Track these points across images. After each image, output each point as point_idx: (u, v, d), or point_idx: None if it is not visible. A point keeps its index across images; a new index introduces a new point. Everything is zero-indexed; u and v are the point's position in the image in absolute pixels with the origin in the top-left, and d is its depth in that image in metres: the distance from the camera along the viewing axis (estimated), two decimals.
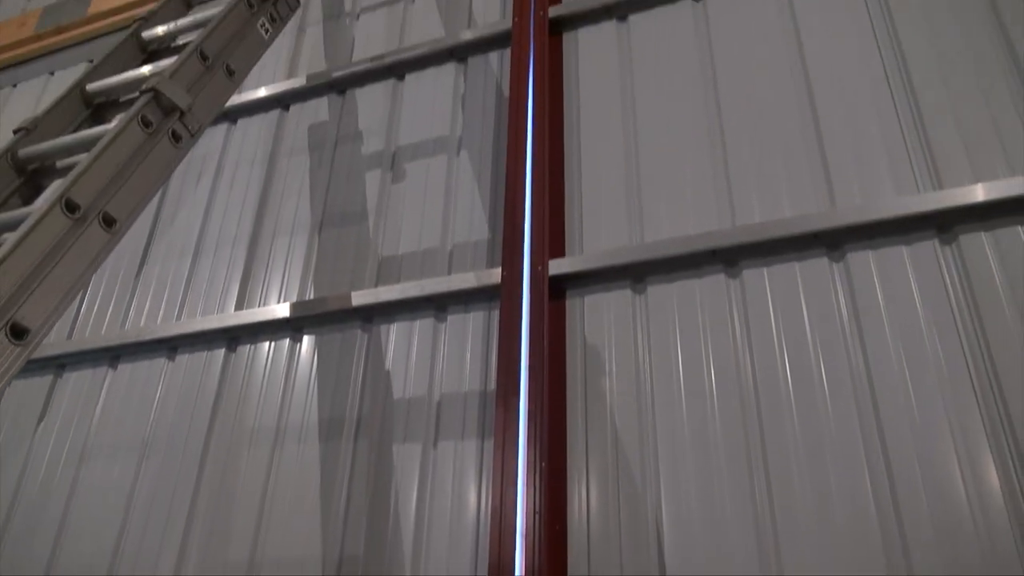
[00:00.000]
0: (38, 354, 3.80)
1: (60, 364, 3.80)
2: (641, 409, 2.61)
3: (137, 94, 2.53)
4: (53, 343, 3.85)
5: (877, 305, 2.48)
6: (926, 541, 2.11)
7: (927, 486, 2.17)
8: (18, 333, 1.92)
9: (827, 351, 2.48)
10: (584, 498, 2.53)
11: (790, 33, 3.11)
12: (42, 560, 3.23)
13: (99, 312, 3.91)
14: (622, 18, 3.52)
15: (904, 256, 2.53)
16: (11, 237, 1.98)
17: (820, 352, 2.48)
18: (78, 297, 3.92)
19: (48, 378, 3.79)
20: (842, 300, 2.54)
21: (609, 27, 3.53)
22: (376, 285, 3.27)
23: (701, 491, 2.40)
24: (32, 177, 2.67)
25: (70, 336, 3.88)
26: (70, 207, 2.11)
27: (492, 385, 2.83)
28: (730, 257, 2.74)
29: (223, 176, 4.09)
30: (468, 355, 2.96)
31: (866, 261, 2.56)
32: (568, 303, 2.91)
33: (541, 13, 3.59)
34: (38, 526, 3.36)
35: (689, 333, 2.69)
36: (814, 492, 2.27)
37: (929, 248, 2.51)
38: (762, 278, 2.68)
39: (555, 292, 2.89)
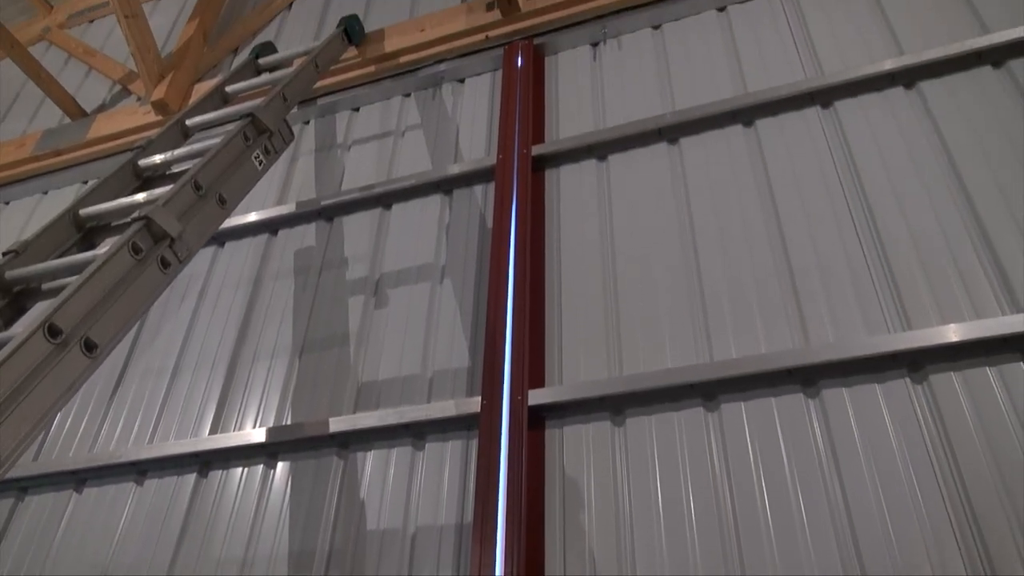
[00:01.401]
0: None
1: (22, 487, 3.68)
2: (620, 542, 2.56)
3: (129, 220, 2.59)
4: (17, 464, 3.72)
5: (852, 439, 2.51)
6: None
7: None
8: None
9: (805, 483, 2.48)
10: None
11: (760, 175, 3.28)
12: None
13: (68, 433, 3.82)
14: (602, 158, 3.70)
15: (877, 393, 2.57)
16: None
17: (798, 484, 2.48)
18: None
19: (8, 502, 3.66)
20: (818, 434, 2.57)
21: (589, 165, 3.70)
22: (355, 411, 3.25)
23: None
24: (16, 298, 2.69)
25: (36, 458, 3.78)
26: (53, 332, 2.11)
27: (469, 516, 2.77)
28: (708, 390, 2.77)
29: (207, 297, 4.12)
30: (445, 484, 2.91)
31: (840, 397, 2.60)
32: (547, 433, 2.90)
33: (524, 151, 3.77)
34: None
35: (668, 464, 2.68)
36: None
37: (901, 386, 2.56)
38: (740, 411, 2.71)
39: (534, 422, 2.88)
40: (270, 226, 4.31)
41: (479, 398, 2.98)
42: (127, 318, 2.40)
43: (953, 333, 2.52)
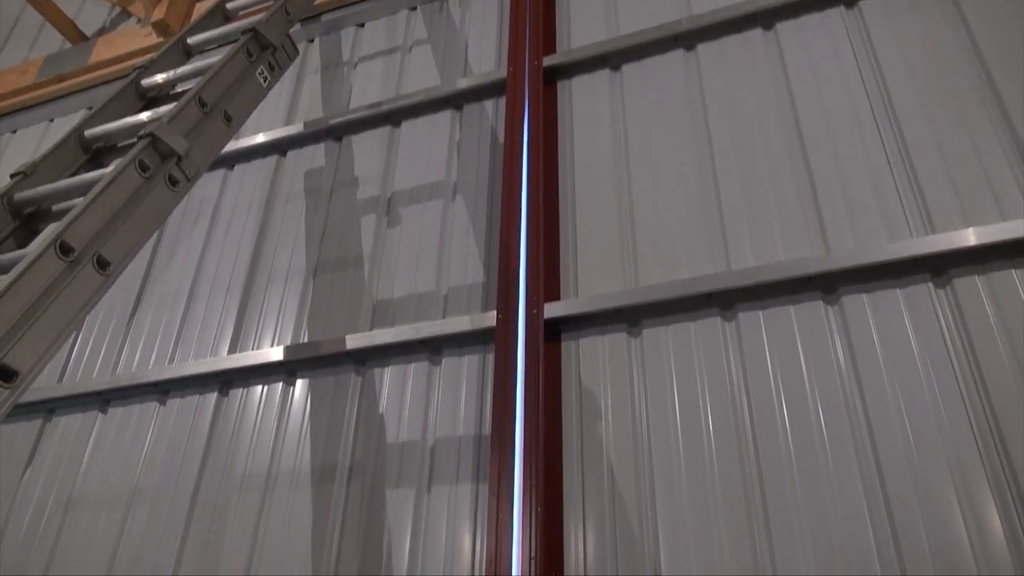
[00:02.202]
0: (27, 398, 3.75)
1: (49, 408, 3.76)
2: (638, 453, 2.58)
3: (135, 139, 2.55)
4: (43, 387, 3.81)
5: (873, 347, 2.48)
6: None
7: (928, 529, 2.14)
8: (7, 375, 1.89)
9: (824, 392, 2.47)
10: (581, 544, 2.48)
11: (779, 80, 3.17)
12: None
13: (91, 356, 3.88)
14: (615, 67, 3.59)
15: (899, 299, 2.53)
16: (4, 279, 1.97)
17: (817, 393, 2.47)
18: (70, 340, 3.90)
19: (37, 422, 3.74)
20: (838, 342, 2.54)
21: (603, 76, 3.59)
22: (371, 328, 3.26)
23: (699, 535, 2.36)
24: (28, 221, 2.67)
25: (60, 380, 3.84)
26: (64, 249, 2.10)
27: (487, 429, 2.80)
28: (725, 300, 2.75)
29: (219, 221, 4.10)
30: (463, 398, 2.93)
31: (861, 304, 2.57)
32: (563, 346, 2.90)
33: (535, 63, 3.65)
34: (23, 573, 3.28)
35: (685, 376, 2.67)
36: (814, 536, 2.24)
37: (924, 291, 2.52)
38: (757, 321, 2.68)
39: (550, 335, 2.88)
40: (278, 147, 4.25)
41: (494, 312, 2.97)
42: (139, 236, 2.39)
43: (978, 236, 2.46)
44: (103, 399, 3.65)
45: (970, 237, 2.47)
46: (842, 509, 2.25)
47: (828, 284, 2.63)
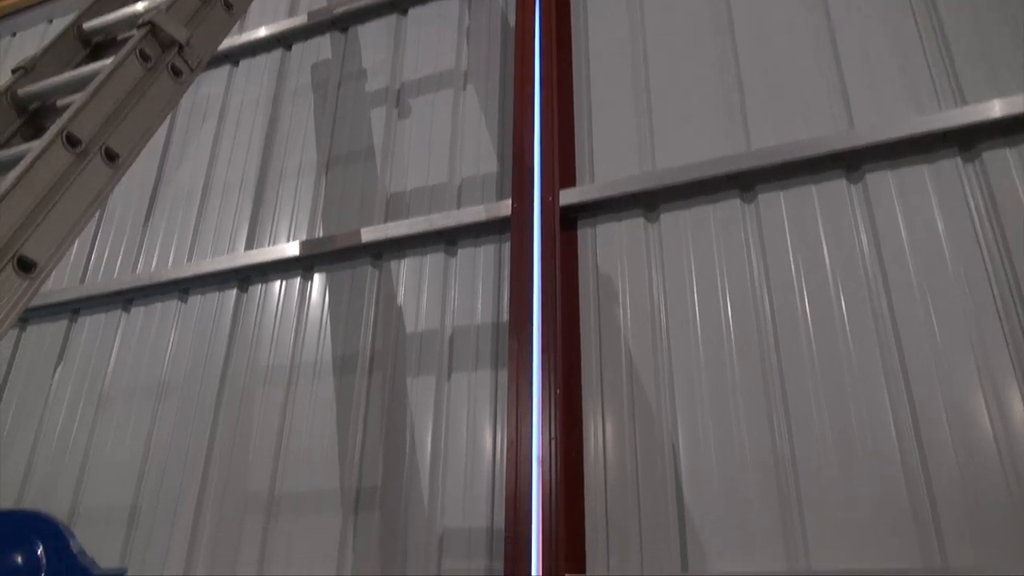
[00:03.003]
0: (52, 299, 3.82)
1: (74, 309, 3.82)
2: (655, 338, 2.59)
3: (134, 30, 2.47)
4: (67, 288, 3.86)
5: (897, 226, 2.43)
6: (949, 470, 2.08)
7: (950, 414, 2.14)
8: (25, 266, 1.90)
9: (845, 275, 2.43)
10: (600, 424, 2.53)
11: None
12: (65, 502, 3.29)
13: (110, 257, 3.91)
14: None
15: (925, 175, 2.46)
16: (13, 172, 1.96)
17: (838, 276, 2.44)
18: (90, 242, 3.93)
19: (63, 323, 3.81)
20: (860, 222, 2.48)
21: None
22: (385, 221, 3.24)
23: (717, 419, 2.39)
24: (33, 117, 2.63)
25: (83, 281, 3.89)
26: (71, 141, 2.08)
27: (504, 317, 2.81)
28: (745, 181, 2.68)
29: (227, 118, 4.03)
30: (479, 288, 2.94)
31: (885, 181, 2.50)
32: (580, 233, 2.87)
33: None
34: (61, 469, 3.41)
35: (703, 260, 2.65)
36: (833, 420, 2.25)
37: (951, 167, 2.44)
38: (778, 202, 2.63)
39: (566, 222, 2.85)
40: (283, 40, 4.12)
41: (509, 201, 2.93)
42: (145, 128, 2.35)
43: (1009, 107, 2.36)
44: (125, 299, 3.70)
45: (1001, 108, 2.36)
46: (862, 394, 2.25)
47: (852, 161, 2.56)
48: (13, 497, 3.41)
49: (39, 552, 1.40)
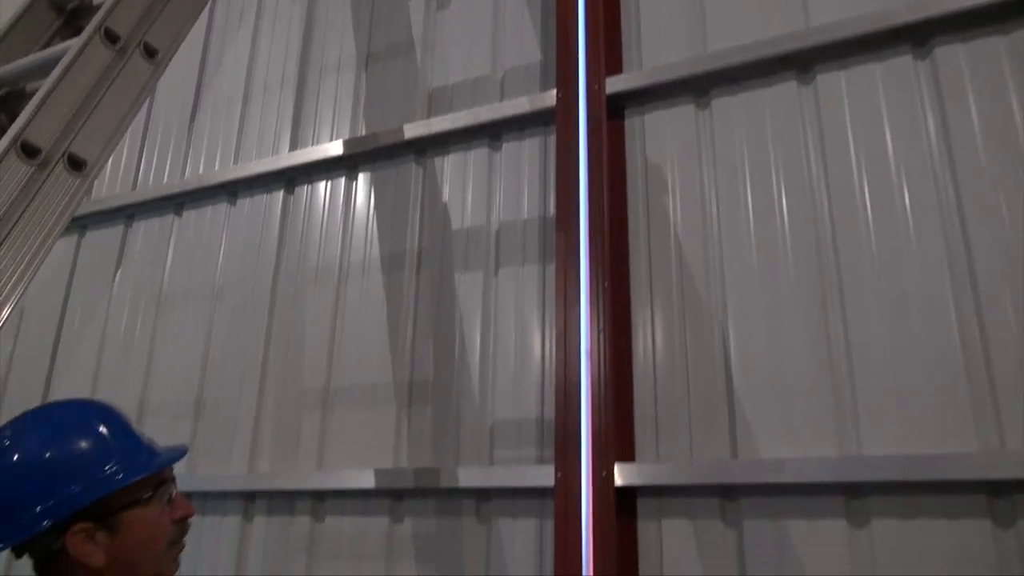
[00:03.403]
0: (107, 205, 3.90)
1: (128, 215, 3.90)
2: (706, 226, 2.53)
3: None
4: (120, 195, 3.93)
5: (967, 107, 2.26)
6: (1010, 353, 2.00)
7: (1014, 296, 2.04)
8: (76, 164, 1.92)
9: (909, 161, 2.29)
10: (648, 315, 2.52)
11: None
12: (134, 399, 3.44)
13: (159, 162, 3.95)
14: None
15: (1000, 49, 2.28)
16: (55, 70, 1.95)
17: (901, 162, 2.30)
18: (138, 148, 3.97)
19: (119, 228, 3.90)
20: (927, 104, 2.33)
21: None
22: (428, 117, 3.18)
23: (769, 307, 2.35)
24: (71, 17, 2.61)
25: (135, 187, 3.95)
26: (110, 37, 2.06)
27: (551, 211, 2.77)
28: (803, 61, 2.54)
29: (264, 16, 3.94)
30: (525, 182, 2.89)
31: (956, 57, 2.33)
32: (627, 123, 2.77)
33: None
34: (127, 368, 3.56)
35: (757, 146, 2.54)
36: (891, 306, 2.17)
37: None
38: (838, 83, 2.48)
39: (613, 111, 2.75)
40: None
41: (554, 91, 2.84)
42: (182, 22, 2.31)
43: None
44: (176, 203, 3.75)
45: None
46: (924, 290, 2.15)
47: (920, 36, 2.39)
48: (87, 390, 3.59)
49: (103, 432, 1.45)
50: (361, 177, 3.29)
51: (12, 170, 1.80)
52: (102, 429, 1.43)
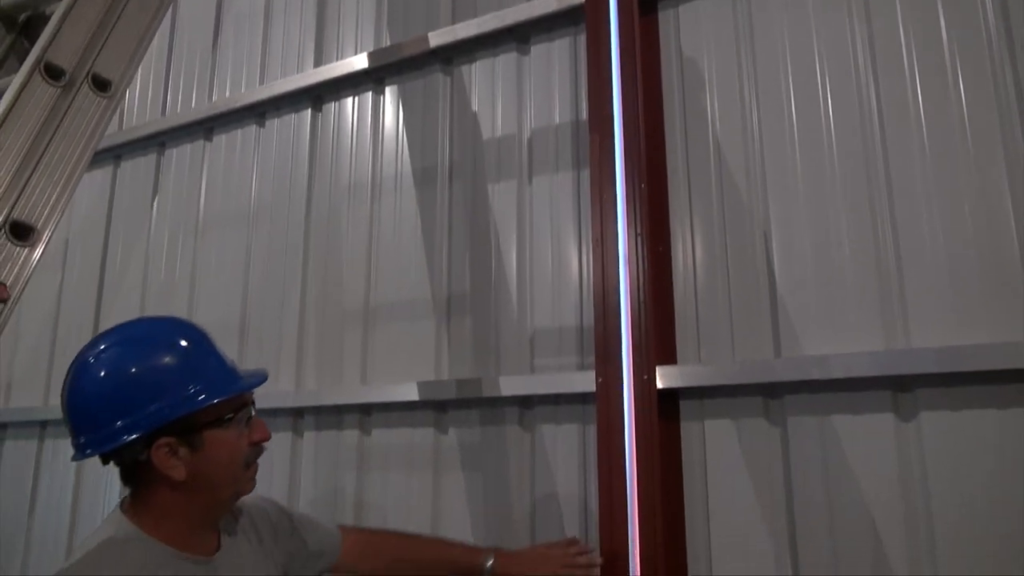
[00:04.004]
0: (139, 133, 3.91)
1: (160, 142, 3.90)
2: (746, 123, 2.43)
3: None
4: (150, 122, 3.93)
5: None
6: None
7: None
8: (101, 85, 1.91)
9: (964, 51, 2.11)
10: (687, 217, 2.46)
11: None
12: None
13: (186, 87, 3.92)
14: None
15: None
16: None
17: (956, 51, 2.13)
18: (164, 75, 3.94)
19: (152, 156, 3.92)
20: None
21: None
22: (453, 23, 3.07)
23: (813, 204, 2.26)
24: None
25: (164, 113, 3.94)
26: None
27: (583, 114, 2.69)
28: None
29: None
30: (556, 86, 2.80)
31: None
32: (660, 16, 2.64)
33: None
34: (172, 293, 3.63)
35: (799, 38, 2.40)
36: (942, 199, 2.07)
37: None
38: None
39: (645, 5, 2.61)
40: None
41: None
42: None
43: None
44: (206, 128, 3.74)
45: None
46: (977, 174, 2.04)
47: None
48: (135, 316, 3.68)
49: (189, 351, 1.49)
50: (388, 91, 3.23)
51: (39, 92, 1.80)
52: (188, 349, 1.48)
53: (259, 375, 1.55)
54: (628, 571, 2.16)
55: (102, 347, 1.44)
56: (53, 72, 1.83)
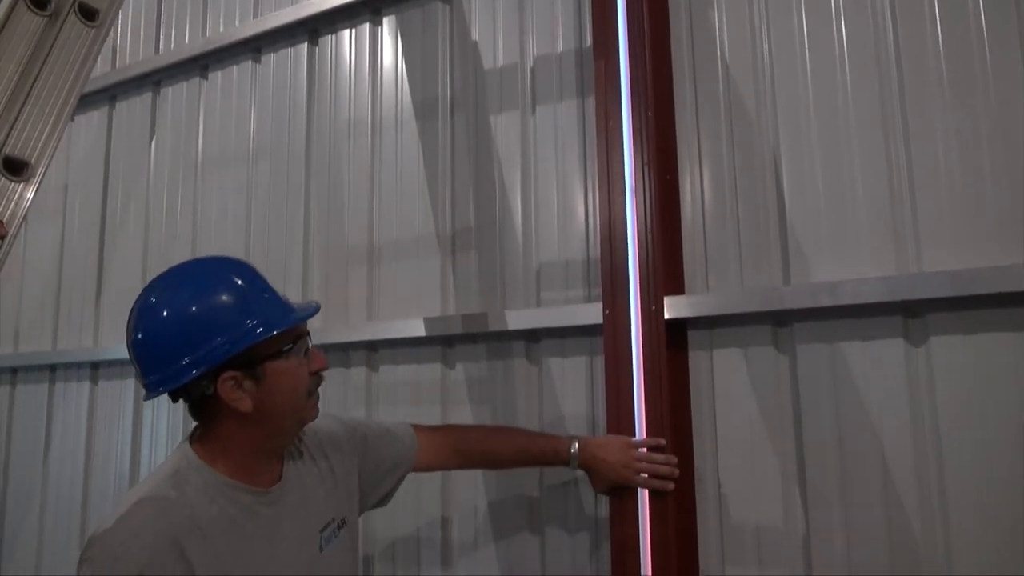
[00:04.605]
0: (132, 72, 3.83)
1: (155, 81, 3.82)
2: (755, 42, 2.34)
3: None
4: (144, 60, 3.84)
5: None
6: None
7: None
8: (88, 13, 1.84)
9: None
10: (695, 144, 2.40)
11: None
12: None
13: (179, 24, 3.81)
14: None
15: None
16: None
17: None
18: (156, 11, 3.83)
19: (148, 96, 3.84)
20: None
21: None
22: None
23: (825, 127, 2.19)
24: None
25: (157, 52, 3.85)
26: None
27: (587, 40, 2.61)
28: None
29: None
30: (559, 10, 2.70)
31: None
32: None
33: None
34: (175, 234, 3.61)
35: None
36: (959, 140, 2.00)
37: None
38: None
39: None
40: None
41: None
42: None
43: None
44: (201, 64, 3.65)
45: None
46: (996, 108, 1.96)
47: None
48: (139, 263, 3.67)
49: (244, 288, 1.51)
50: (386, 22, 3.13)
51: (24, 21, 1.74)
52: (243, 285, 1.52)
53: (311, 306, 1.59)
54: (637, 503, 2.18)
55: (161, 289, 1.48)
56: (38, 1, 1.77)
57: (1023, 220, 1.91)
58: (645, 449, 2.15)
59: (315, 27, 3.31)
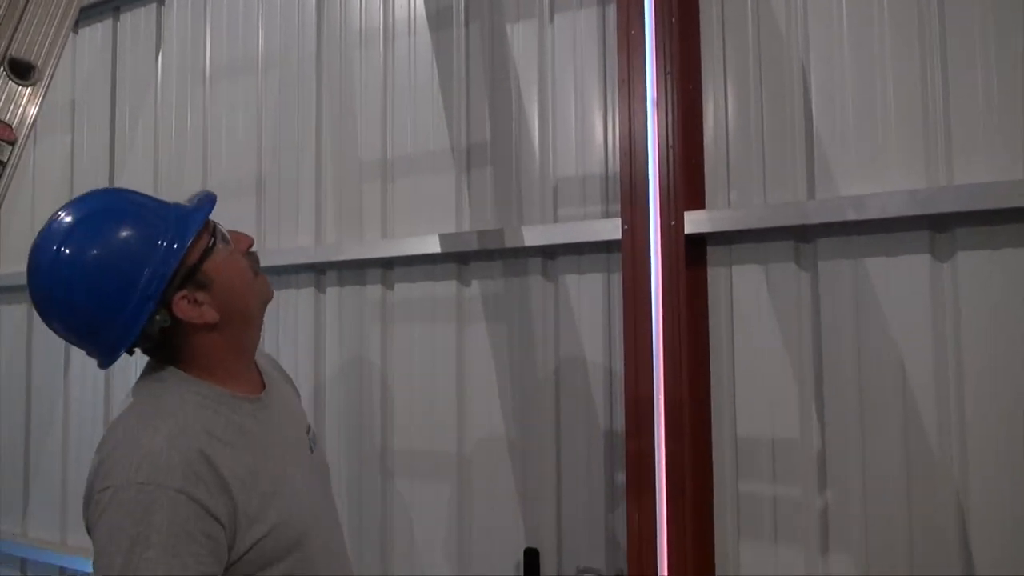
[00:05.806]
0: None
1: None
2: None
3: None
4: None
5: None
6: None
7: None
8: None
9: None
10: (719, 51, 2.31)
11: None
12: (195, 183, 3.47)
13: None
14: None
15: None
16: None
17: None
18: None
19: (153, 6, 3.72)
20: None
21: None
22: None
23: (856, 35, 2.11)
24: None
25: None
26: None
27: None
28: None
29: None
30: None
31: None
32: None
33: None
34: (185, 149, 3.55)
35: None
36: (998, 63, 1.91)
37: None
38: None
39: None
40: None
41: None
42: None
43: None
44: None
45: None
46: None
47: None
48: (150, 176, 3.63)
49: (140, 212, 1.46)
50: None
51: None
52: (134, 210, 1.45)
53: (206, 197, 1.50)
54: (653, 417, 2.19)
55: (64, 253, 1.36)
56: None
57: None
58: None
59: None
